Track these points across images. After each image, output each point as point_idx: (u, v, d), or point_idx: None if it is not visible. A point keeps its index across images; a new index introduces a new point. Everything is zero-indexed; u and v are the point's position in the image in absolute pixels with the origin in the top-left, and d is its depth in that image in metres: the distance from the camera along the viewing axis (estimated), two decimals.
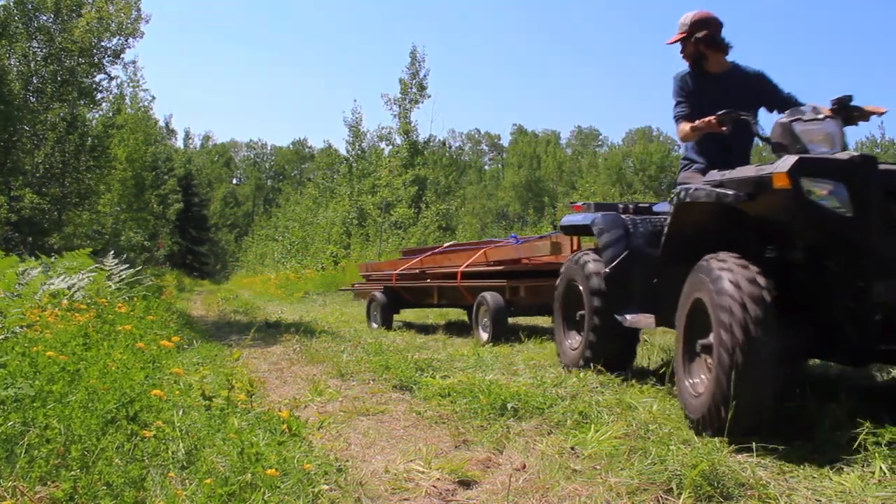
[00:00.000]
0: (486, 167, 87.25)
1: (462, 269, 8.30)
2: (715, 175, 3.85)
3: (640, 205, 5.31)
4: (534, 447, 3.45)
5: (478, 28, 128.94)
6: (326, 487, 2.82)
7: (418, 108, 31.33)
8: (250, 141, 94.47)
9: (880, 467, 2.93)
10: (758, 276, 3.27)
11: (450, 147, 56.72)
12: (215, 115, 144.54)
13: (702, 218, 3.95)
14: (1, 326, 4.75)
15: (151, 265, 27.07)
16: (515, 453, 3.39)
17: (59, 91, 18.23)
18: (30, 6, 17.74)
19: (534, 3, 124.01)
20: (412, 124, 31.03)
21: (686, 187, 3.92)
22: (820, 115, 3.60)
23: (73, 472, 2.51)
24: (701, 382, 3.54)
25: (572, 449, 3.33)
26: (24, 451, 2.65)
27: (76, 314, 5.47)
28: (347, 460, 3.27)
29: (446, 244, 10.73)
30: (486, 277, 7.98)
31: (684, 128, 4.40)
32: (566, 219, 5.71)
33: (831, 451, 3.15)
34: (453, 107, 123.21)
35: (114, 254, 10.70)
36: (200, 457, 2.86)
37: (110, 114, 23.27)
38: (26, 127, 17.78)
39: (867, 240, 3.28)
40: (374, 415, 4.33)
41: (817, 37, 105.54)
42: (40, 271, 7.39)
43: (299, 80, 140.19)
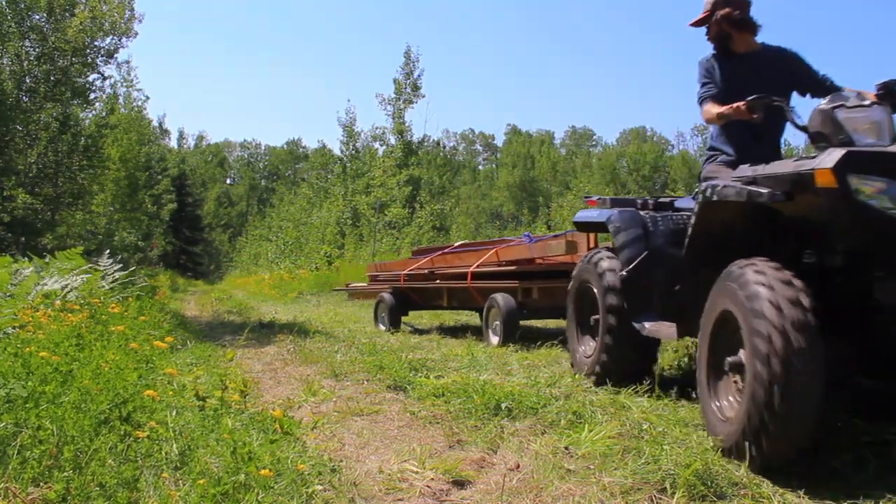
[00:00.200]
0: (480, 167, 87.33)
1: (472, 269, 7.95)
2: (746, 170, 3.48)
3: (660, 200, 4.91)
4: (528, 447, 3.45)
5: (472, 28, 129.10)
6: (320, 488, 2.81)
7: (412, 108, 31.46)
8: (244, 141, 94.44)
9: (874, 466, 2.94)
10: (801, 294, 2.86)
11: (444, 147, 56.79)
12: (209, 114, 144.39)
13: (730, 218, 3.59)
14: None
15: (145, 265, 27.02)
16: (509, 453, 3.39)
17: (52, 91, 18.20)
18: (22, 5, 17.70)
19: (528, 3, 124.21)
20: (406, 124, 31.10)
21: (713, 184, 3.55)
22: (866, 102, 3.21)
23: (65, 473, 2.50)
24: (730, 406, 3.17)
25: (566, 449, 3.33)
26: (16, 452, 2.64)
27: (69, 315, 5.45)
28: (341, 460, 3.27)
29: (457, 243, 10.31)
30: (497, 278, 7.65)
31: (710, 110, 3.97)
32: (580, 214, 5.31)
33: (824, 450, 3.16)
34: (447, 107, 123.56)
35: (108, 254, 10.68)
36: (194, 457, 2.85)
37: (104, 114, 23.24)
38: (19, 127, 17.75)
39: None
40: (368, 415, 4.32)
41: (817, 35, 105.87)
42: (32, 271, 7.36)
43: (293, 80, 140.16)
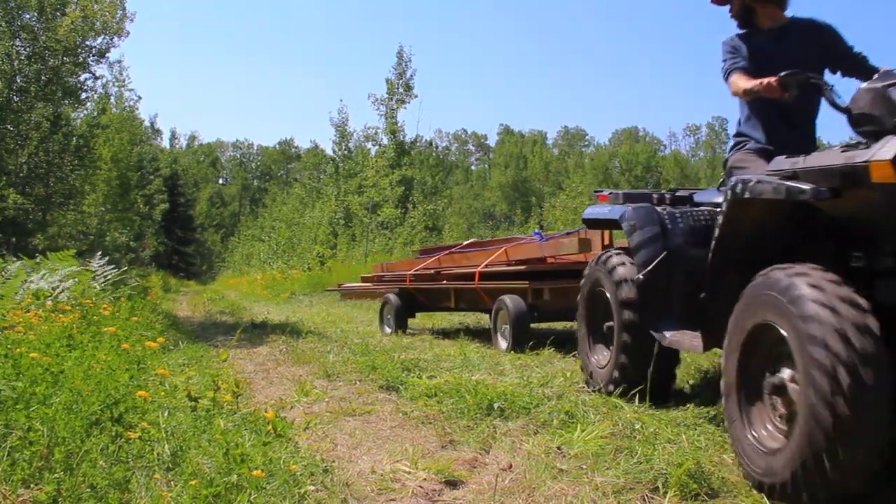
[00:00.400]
0: (472, 167, 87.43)
1: (480, 269, 7.54)
2: (783, 163, 3.08)
3: (677, 193, 4.48)
4: (520, 447, 3.45)
5: (464, 28, 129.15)
6: (312, 488, 2.81)
7: (405, 109, 31.40)
8: (236, 141, 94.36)
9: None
10: (855, 295, 2.52)
11: (436, 147, 56.76)
12: (201, 114, 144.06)
13: (765, 217, 3.19)
14: None
15: (137, 266, 26.98)
16: (502, 453, 3.39)
17: (43, 90, 18.14)
18: (13, 4, 17.63)
19: (521, 4, 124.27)
20: (399, 124, 31.07)
21: (744, 179, 3.10)
22: None
23: (56, 475, 2.49)
24: (772, 436, 2.74)
25: (559, 448, 3.33)
26: (6, 453, 2.63)
27: (60, 315, 5.43)
28: (334, 461, 3.26)
29: (465, 242, 9.90)
30: (506, 278, 7.26)
31: (737, 82, 3.55)
32: (590, 211, 4.89)
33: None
34: (440, 107, 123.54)
35: (100, 254, 10.65)
36: (186, 458, 2.84)
37: (95, 113, 23.19)
38: (10, 126, 17.68)
39: None
40: (361, 415, 4.31)
41: None
42: (18, 267, 7.33)
43: (286, 80, 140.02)
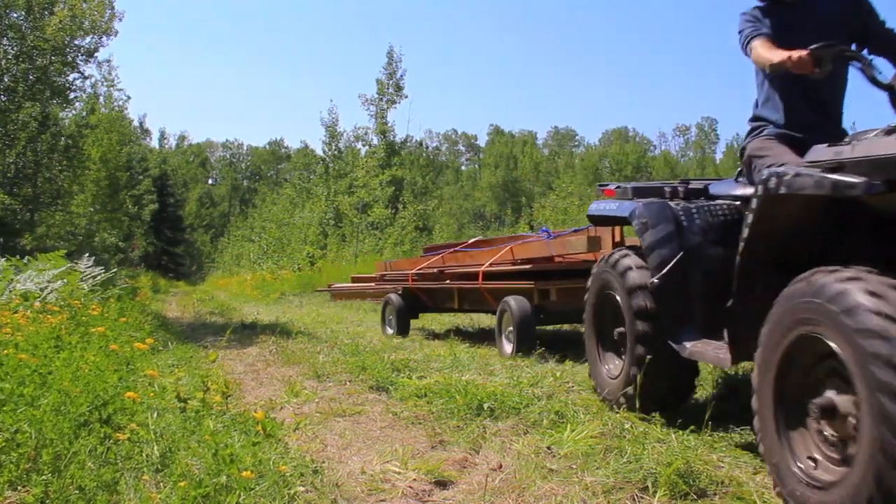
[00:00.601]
0: (462, 167, 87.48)
1: (484, 268, 7.24)
2: (824, 152, 2.72)
3: (691, 185, 4.12)
4: (510, 447, 3.45)
5: (455, 29, 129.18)
6: (302, 489, 2.80)
7: (395, 109, 31.38)
8: (226, 141, 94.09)
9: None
10: None
11: (427, 147, 56.75)
12: (191, 114, 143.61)
13: (803, 215, 2.84)
14: None
15: (126, 266, 26.86)
16: (492, 453, 3.39)
17: (31, 90, 18.02)
18: (0, 3, 17.50)
19: (511, 4, 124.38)
20: (389, 125, 31.04)
21: (778, 172, 2.72)
22: None
23: (44, 477, 2.48)
24: (824, 468, 2.38)
25: (548, 448, 3.34)
26: None
27: (48, 316, 5.40)
28: (323, 461, 3.26)
29: (471, 240, 9.63)
30: (511, 278, 6.96)
31: (761, 51, 3.20)
32: (595, 206, 4.51)
33: None
34: (430, 107, 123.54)
35: (88, 255, 10.60)
36: (175, 459, 2.83)
37: (84, 113, 23.07)
38: None
39: None
40: (351, 416, 4.31)
41: None
42: (4, 265, 7.29)
43: (275, 80, 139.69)
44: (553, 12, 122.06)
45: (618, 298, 3.95)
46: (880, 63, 3.08)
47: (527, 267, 6.79)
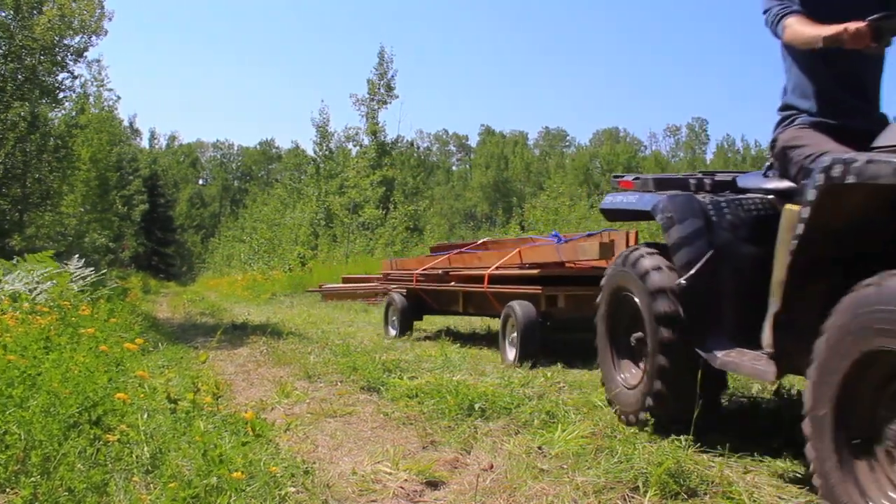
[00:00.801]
0: (454, 168, 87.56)
1: (489, 271, 6.98)
2: None
3: (717, 177, 3.79)
4: (501, 447, 3.46)
5: (446, 29, 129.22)
6: (293, 490, 2.80)
7: (386, 109, 31.49)
8: (217, 141, 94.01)
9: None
10: None
11: (418, 148, 56.85)
12: (181, 115, 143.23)
13: (872, 207, 2.48)
14: None
15: (116, 267, 26.77)
16: (483, 453, 3.39)
17: (20, 89, 17.93)
18: None
19: (503, 5, 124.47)
20: (380, 125, 31.09)
21: (844, 159, 2.38)
22: None
23: (33, 478, 2.47)
24: None
25: (539, 448, 3.34)
26: None
27: (38, 317, 5.38)
28: (314, 462, 3.25)
29: (479, 241, 9.29)
30: (517, 282, 6.69)
31: (799, 28, 2.90)
32: (610, 199, 4.14)
33: (796, 449, 3.20)
34: (421, 107, 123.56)
35: (78, 256, 10.56)
36: (165, 460, 2.82)
37: (73, 113, 22.97)
38: None
39: None
40: (342, 416, 4.31)
41: None
42: None
43: (266, 80, 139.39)
44: (544, 13, 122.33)
45: (636, 301, 3.58)
46: None
47: (534, 272, 6.52)
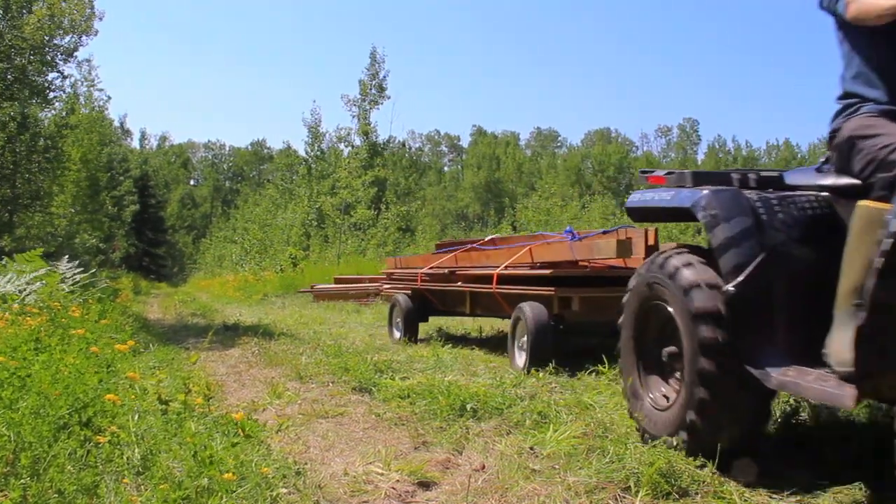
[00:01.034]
0: (445, 168, 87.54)
1: (498, 271, 6.55)
2: None
3: (762, 173, 3.38)
4: (493, 447, 3.46)
5: (437, 29, 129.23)
6: (285, 491, 2.80)
7: (378, 110, 31.54)
8: (208, 142, 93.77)
9: (831, 464, 2.99)
10: None
11: (409, 148, 56.92)
12: (172, 115, 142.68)
13: None
14: None
15: (107, 268, 26.65)
16: (475, 454, 3.39)
17: (10, 89, 17.83)
18: None
19: (494, 5, 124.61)
20: (372, 125, 31.09)
21: None
22: None
23: (22, 481, 2.45)
24: None
25: (531, 449, 3.35)
26: None
27: (27, 318, 5.35)
28: (306, 463, 3.25)
29: (487, 238, 8.78)
30: (528, 283, 6.23)
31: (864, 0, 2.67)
32: (638, 197, 3.73)
33: (786, 449, 3.21)
34: (413, 108, 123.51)
35: (68, 257, 10.52)
36: (156, 462, 2.81)
37: (63, 113, 22.85)
38: None
39: None
40: (333, 417, 4.30)
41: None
42: None
43: (258, 81, 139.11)
44: (536, 13, 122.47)
45: (670, 310, 3.18)
46: None
47: (546, 271, 6.06)
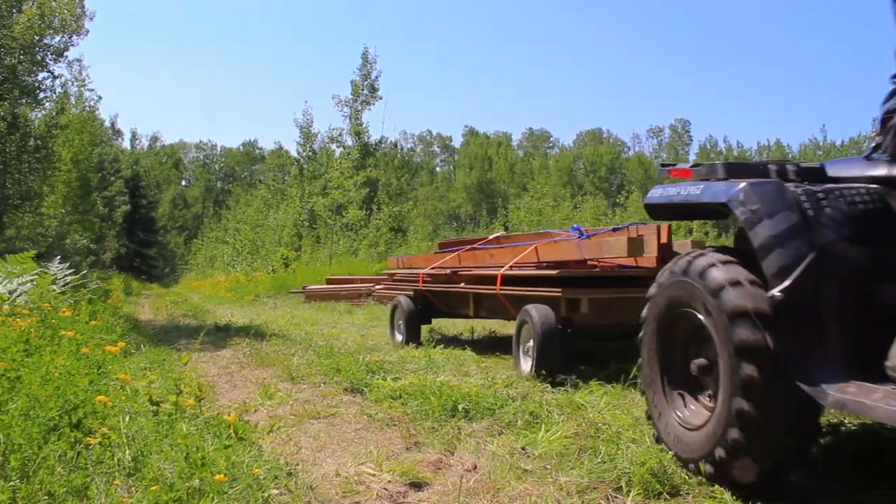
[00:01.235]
0: (437, 169, 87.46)
1: (503, 271, 6.25)
2: None
3: (802, 165, 3.05)
4: (485, 448, 3.46)
5: (429, 30, 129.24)
6: (276, 492, 2.79)
7: (370, 110, 31.46)
8: (199, 142, 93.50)
9: (821, 463, 3.00)
10: None
11: (401, 149, 56.86)
12: (163, 115, 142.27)
13: None
14: None
15: (97, 269, 26.56)
16: (466, 454, 3.40)
17: (0, 89, 17.77)
18: None
19: (485, 5, 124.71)
20: (363, 126, 31.07)
21: None
22: None
23: (12, 483, 2.44)
24: None
25: (523, 449, 3.35)
26: None
27: (17, 319, 5.33)
28: (298, 464, 3.25)
29: (491, 236, 8.37)
30: (534, 284, 5.91)
31: None
32: (660, 192, 3.40)
33: None
34: (405, 108, 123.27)
35: (59, 257, 10.47)
36: (147, 463, 2.81)
37: (54, 113, 22.78)
38: None
39: None
40: (325, 418, 4.30)
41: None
42: None
43: (249, 81, 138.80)
44: (528, 14, 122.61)
45: (700, 318, 2.89)
46: None
47: (553, 272, 5.77)
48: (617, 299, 5.23)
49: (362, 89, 31.17)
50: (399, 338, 7.77)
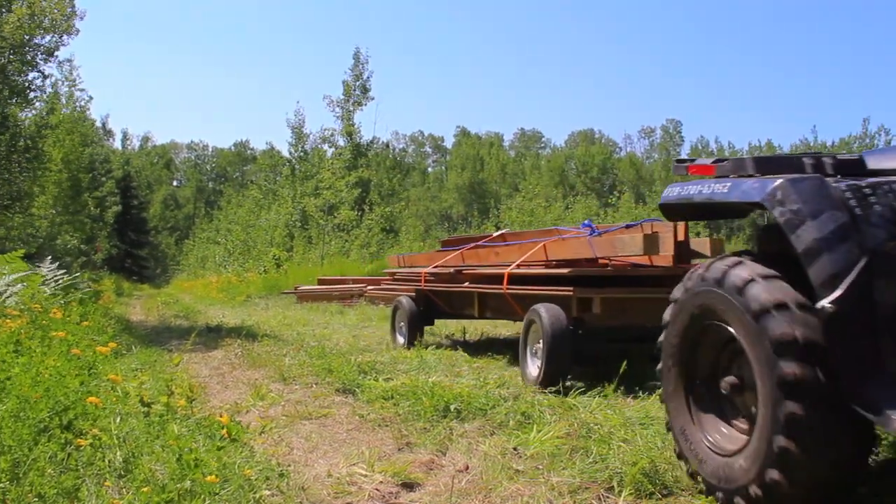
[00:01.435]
0: (429, 169, 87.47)
1: (509, 270, 6.00)
2: None
3: (839, 157, 2.80)
4: (477, 448, 3.47)
5: (421, 30, 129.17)
6: (268, 493, 2.79)
7: (362, 110, 31.46)
8: (191, 142, 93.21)
9: None
10: None
11: (393, 149, 56.85)
12: (154, 115, 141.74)
13: None
14: None
15: (89, 269, 26.46)
16: (458, 454, 3.40)
17: None
18: None
19: (477, 5, 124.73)
20: (355, 126, 31.06)
21: None
22: None
23: (2, 485, 2.43)
24: None
25: (515, 449, 3.36)
26: None
27: (7, 320, 5.30)
28: (290, 465, 3.24)
29: (496, 233, 8.06)
30: (543, 283, 5.68)
31: None
32: (678, 190, 3.09)
33: None
34: (397, 109, 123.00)
35: (50, 258, 10.43)
36: (138, 464, 2.80)
37: (44, 113, 22.68)
38: None
39: None
40: (317, 418, 4.30)
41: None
42: None
43: (241, 81, 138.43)
44: (519, 15, 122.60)
45: (731, 331, 2.61)
46: None
47: (564, 270, 5.53)
48: (631, 299, 5.06)
49: (354, 90, 31.16)
50: (401, 340, 7.51)
